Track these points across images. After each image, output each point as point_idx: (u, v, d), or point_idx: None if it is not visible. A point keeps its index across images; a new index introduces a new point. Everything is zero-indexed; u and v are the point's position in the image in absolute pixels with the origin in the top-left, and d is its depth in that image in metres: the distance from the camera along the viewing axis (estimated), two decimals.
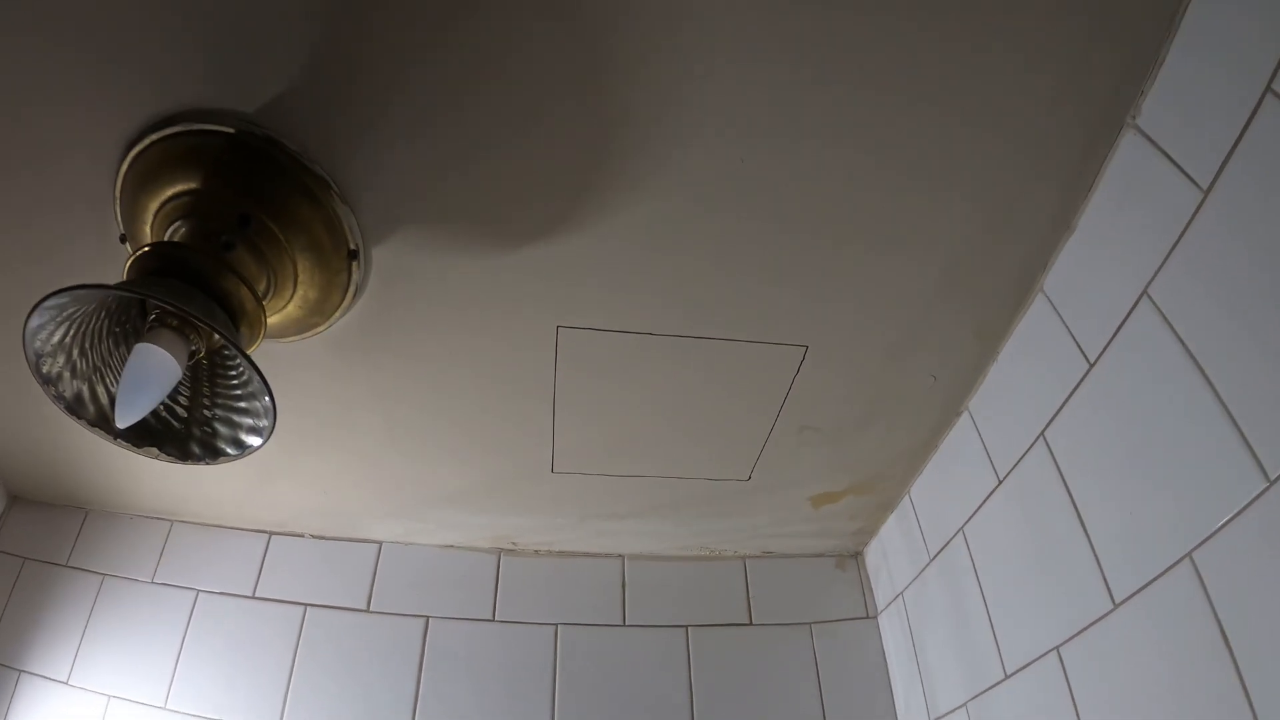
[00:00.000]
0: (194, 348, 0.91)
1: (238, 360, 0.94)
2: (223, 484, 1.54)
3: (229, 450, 0.98)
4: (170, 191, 0.94)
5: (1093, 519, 1.02)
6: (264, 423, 0.94)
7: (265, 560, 1.65)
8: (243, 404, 0.98)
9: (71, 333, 0.87)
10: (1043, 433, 1.12)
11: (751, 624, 1.69)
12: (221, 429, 0.99)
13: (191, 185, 0.93)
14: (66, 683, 1.45)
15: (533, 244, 1.04)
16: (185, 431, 0.99)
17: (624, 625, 1.66)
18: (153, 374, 0.87)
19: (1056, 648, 1.08)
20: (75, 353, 0.89)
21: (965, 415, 1.35)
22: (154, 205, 0.95)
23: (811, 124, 0.92)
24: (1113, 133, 0.98)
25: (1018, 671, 1.17)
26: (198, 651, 1.52)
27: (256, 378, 0.86)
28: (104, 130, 0.90)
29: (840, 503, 1.60)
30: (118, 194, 0.97)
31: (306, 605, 1.60)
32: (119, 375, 0.92)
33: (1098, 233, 1.04)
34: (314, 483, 1.52)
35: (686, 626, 1.67)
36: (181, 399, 0.99)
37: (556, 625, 1.64)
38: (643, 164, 0.95)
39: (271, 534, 1.68)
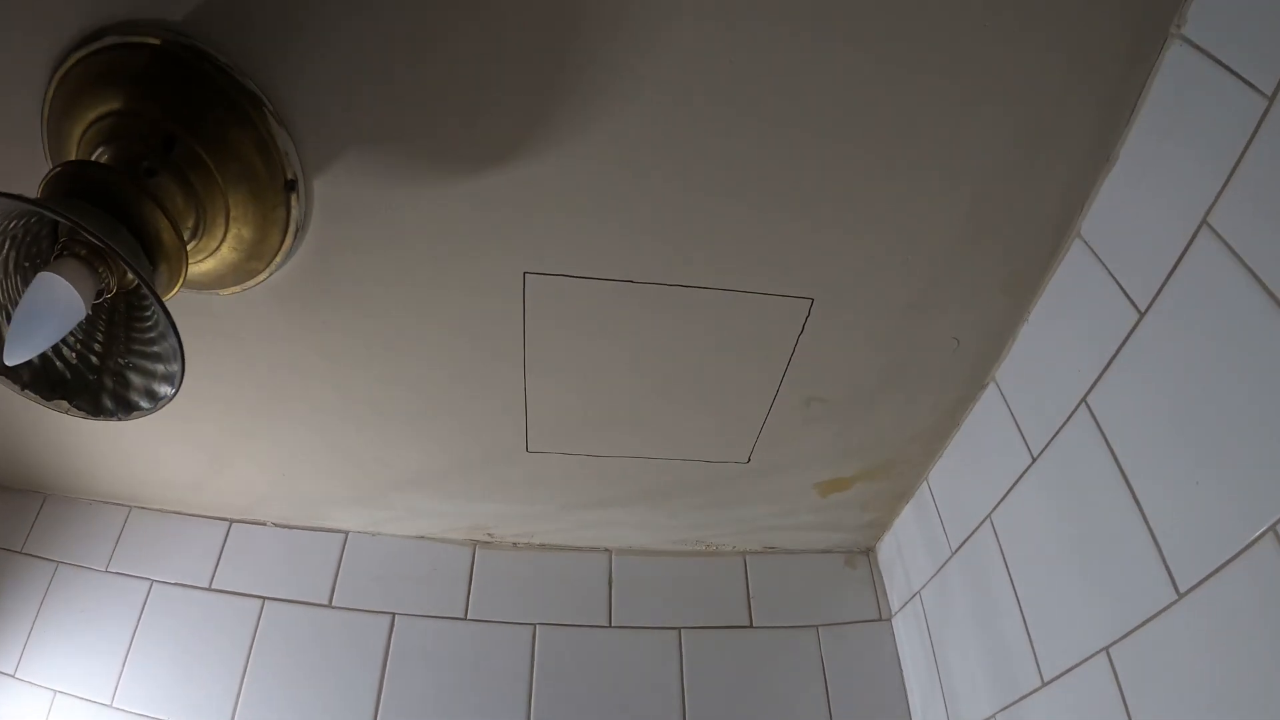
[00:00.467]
0: (104, 284, 0.79)
1: (150, 301, 0.82)
2: (179, 464, 1.42)
3: (142, 403, 0.86)
4: (93, 114, 0.83)
5: (1148, 496, 0.86)
6: (174, 368, 0.81)
7: (224, 550, 1.53)
8: (155, 349, 0.86)
9: None
10: (1084, 399, 0.96)
11: (751, 626, 1.53)
12: (135, 379, 0.87)
13: (114, 106, 0.82)
14: (14, 675, 1.37)
15: (491, 169, 0.90)
16: (97, 383, 0.87)
17: (610, 626, 1.50)
18: (52, 306, 0.75)
19: (1106, 648, 0.91)
20: None
21: (992, 387, 1.19)
22: (78, 132, 0.85)
23: (813, 9, 0.77)
24: (1157, 44, 0.84)
25: (1058, 677, 1.00)
26: (148, 646, 1.40)
27: (162, 315, 0.74)
28: (29, 53, 0.80)
29: (850, 490, 1.44)
30: (44, 122, 0.86)
31: (264, 599, 1.47)
32: None
33: (1143, 161, 0.89)
34: (270, 464, 1.39)
35: (679, 629, 1.51)
36: (95, 346, 0.87)
37: (535, 625, 1.49)
38: (611, 65, 0.81)
39: (232, 522, 1.56)
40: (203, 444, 1.35)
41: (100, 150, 0.83)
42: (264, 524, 1.56)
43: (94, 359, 0.88)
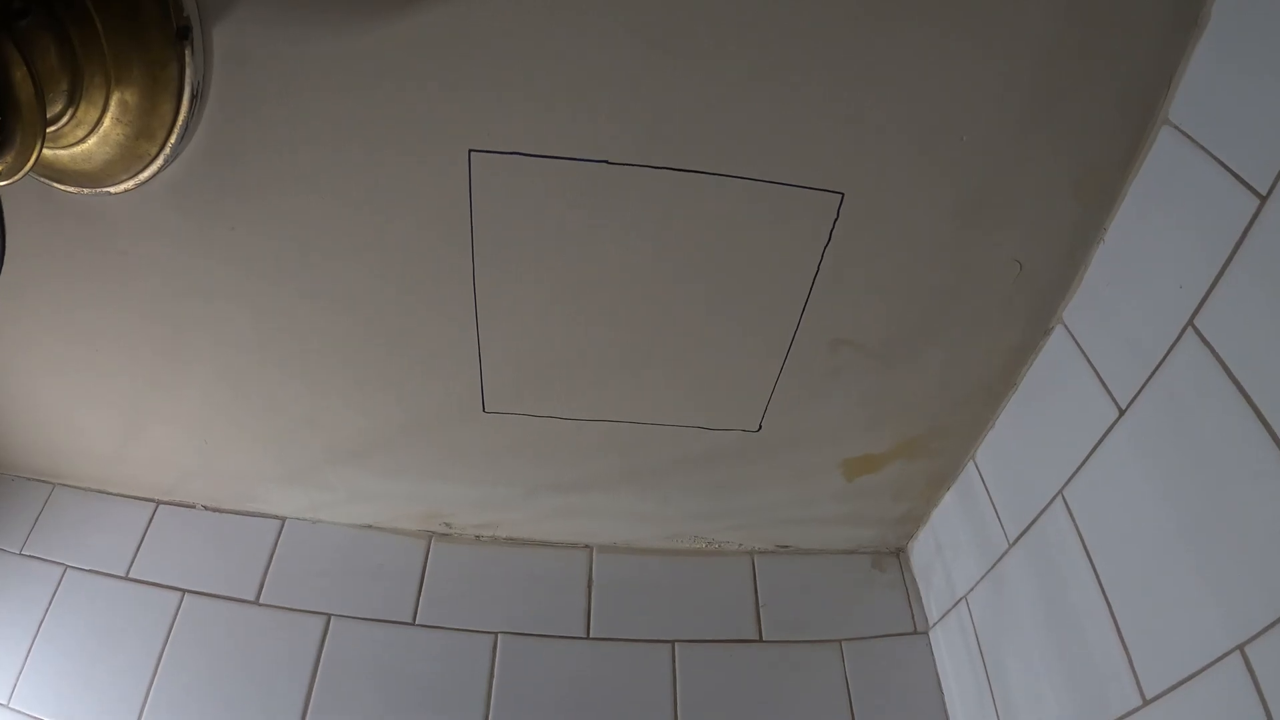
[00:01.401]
0: None
1: None
2: (93, 430, 1.24)
3: None
4: None
5: None
6: None
7: (147, 534, 1.33)
8: None
9: None
10: (1191, 320, 0.73)
11: (761, 640, 1.29)
12: None
13: None
14: None
15: (425, 6, 0.70)
16: None
17: (588, 638, 1.26)
18: None
19: (1240, 646, 0.66)
20: None
21: (1059, 330, 0.96)
22: None
23: None
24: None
25: (1169, 691, 0.75)
26: (54, 640, 1.22)
27: None
28: None
29: (882, 472, 1.19)
30: None
31: (184, 591, 1.26)
32: None
33: (1247, 16, 0.69)
34: (191, 428, 1.19)
35: (673, 642, 1.27)
36: None
37: (496, 634, 1.25)
38: None
39: (159, 503, 1.36)
40: (116, 401, 1.17)
41: None
42: (193, 506, 1.35)
43: None
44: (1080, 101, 0.78)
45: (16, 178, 0.67)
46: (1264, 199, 0.66)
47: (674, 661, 1.24)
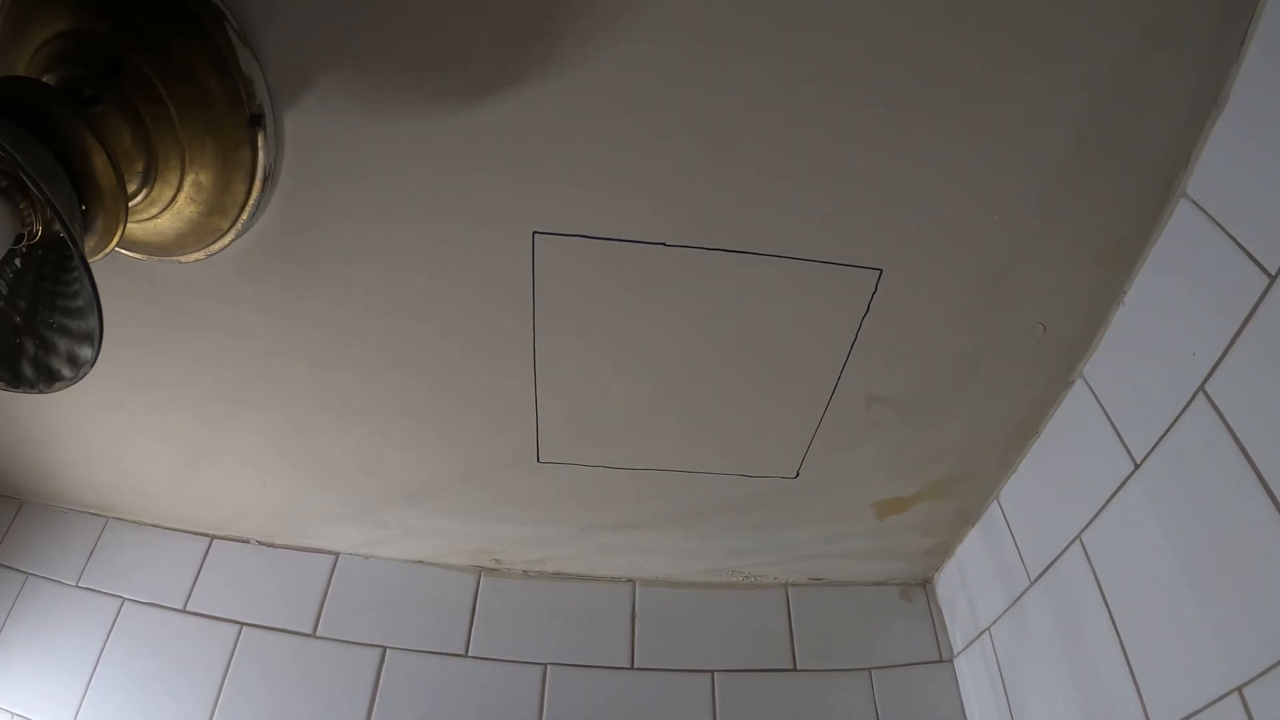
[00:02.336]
0: (26, 227, 0.69)
1: (71, 250, 0.71)
2: (150, 470, 1.33)
3: (64, 370, 0.75)
4: (40, 39, 0.74)
5: None
6: (92, 323, 0.70)
7: (203, 568, 1.42)
8: (78, 303, 0.75)
9: None
10: (1203, 385, 0.83)
11: (795, 669, 1.38)
12: (59, 342, 0.76)
13: (61, 27, 0.73)
14: None
15: (493, 100, 0.78)
16: (18, 347, 0.76)
17: (632, 669, 1.36)
18: None
19: (1239, 688, 0.76)
20: None
21: (1079, 384, 1.06)
22: (24, 61, 0.76)
23: None
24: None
25: None
26: (114, 670, 1.30)
27: (76, 254, 0.64)
28: None
29: (910, 512, 1.29)
30: None
31: (242, 624, 1.35)
32: None
33: (1263, 102, 0.77)
34: (250, 469, 1.28)
35: (712, 672, 1.36)
36: (20, 304, 0.76)
37: (546, 665, 1.35)
38: None
39: (213, 538, 1.45)
40: (175, 441, 1.26)
41: (45, 78, 0.74)
42: (247, 541, 1.45)
43: (17, 319, 0.77)
44: (1104, 177, 0.86)
45: (98, 258, 0.75)
46: (1273, 278, 0.74)
47: (713, 690, 1.34)
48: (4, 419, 1.27)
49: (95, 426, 1.25)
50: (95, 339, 0.71)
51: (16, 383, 0.76)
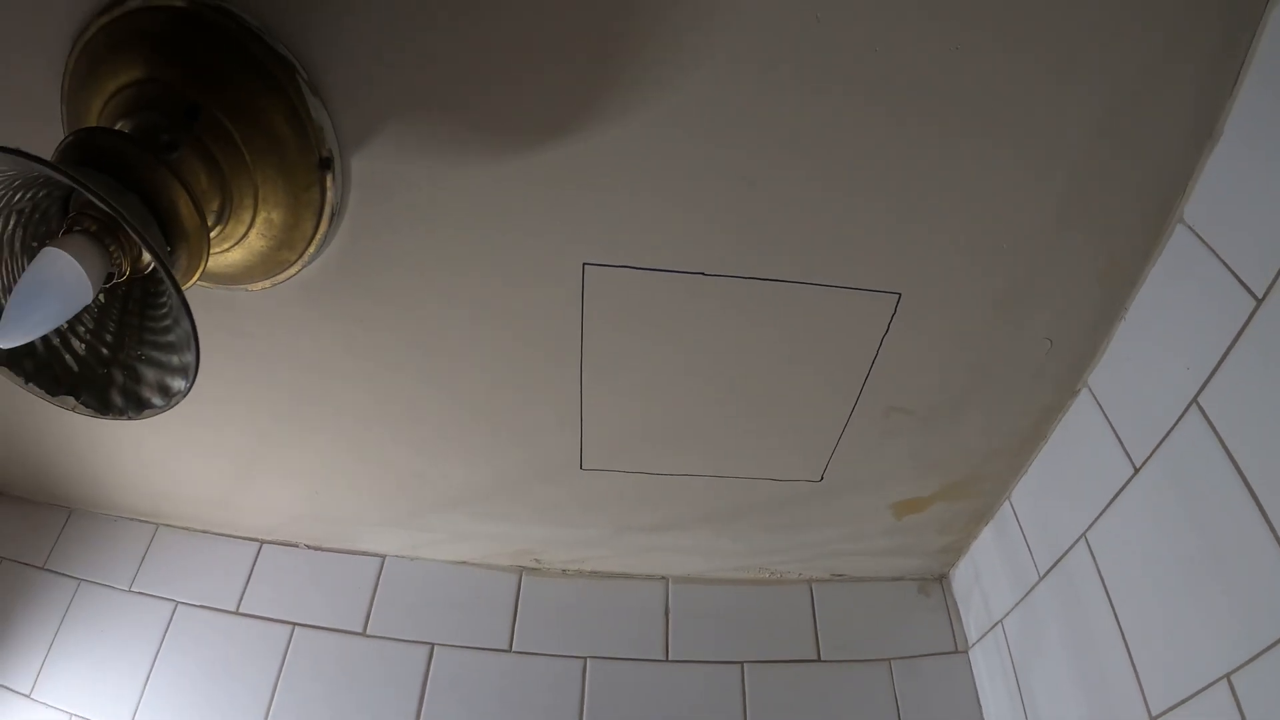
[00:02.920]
0: (115, 267, 0.75)
1: (165, 286, 0.78)
2: (202, 480, 1.42)
3: (154, 399, 0.82)
4: (114, 85, 0.81)
5: (1274, 500, 0.82)
6: (188, 358, 0.76)
7: (253, 572, 1.52)
8: (169, 338, 0.82)
9: None
10: (1196, 398, 0.93)
11: (820, 660, 1.49)
12: (147, 373, 0.83)
13: (136, 75, 0.80)
14: (29, 696, 1.37)
15: (546, 144, 0.88)
16: (106, 377, 0.83)
17: (666, 660, 1.47)
18: (55, 284, 0.70)
19: (1227, 675, 0.86)
20: None
21: (1084, 393, 1.16)
22: (98, 104, 0.83)
23: None
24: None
25: (1170, 710, 0.96)
26: (170, 670, 1.39)
27: (175, 295, 0.69)
28: (49, 20, 0.78)
29: (927, 511, 1.40)
30: (64, 96, 0.84)
31: (294, 625, 1.45)
32: None
33: (1254, 135, 0.85)
34: (301, 479, 1.38)
35: (742, 663, 1.47)
36: (106, 337, 0.84)
37: (585, 659, 1.45)
38: (678, 23, 0.78)
39: (262, 543, 1.55)
40: (229, 454, 1.35)
41: (121, 124, 0.81)
42: (296, 545, 1.55)
43: (105, 351, 0.84)
44: (1108, 203, 0.95)
45: (189, 284, 0.81)
46: (1259, 301, 0.83)
47: (743, 680, 1.45)
48: (57, 431, 1.35)
49: (150, 440, 1.34)
50: (190, 372, 0.78)
51: (105, 410, 0.83)
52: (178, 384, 0.81)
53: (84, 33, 0.79)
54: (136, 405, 0.83)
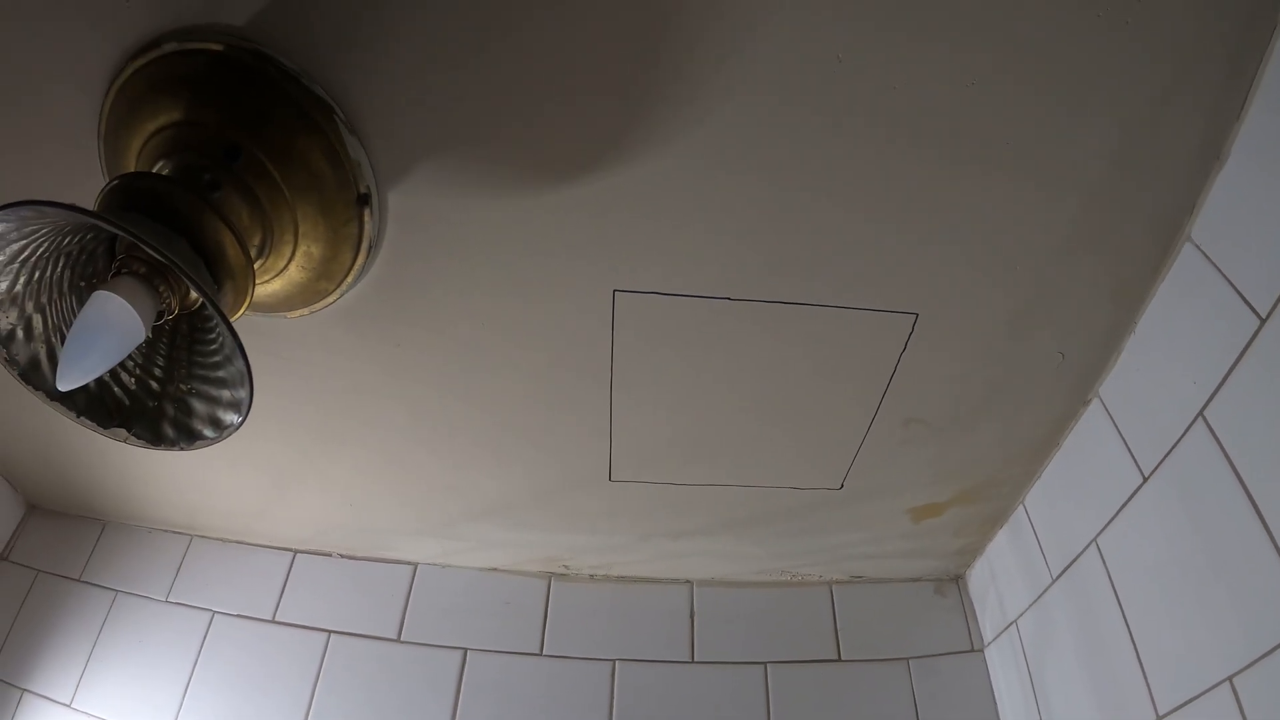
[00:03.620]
0: (164, 305, 0.80)
1: (215, 323, 0.84)
2: (238, 493, 1.48)
3: (206, 431, 0.87)
4: (153, 126, 0.85)
5: (1274, 509, 0.88)
6: (241, 393, 0.82)
7: (288, 581, 1.59)
8: (220, 374, 0.87)
9: (24, 281, 0.78)
10: (1202, 411, 0.99)
11: (840, 660, 1.56)
12: (198, 406, 0.88)
13: (175, 116, 0.84)
14: (69, 705, 1.42)
15: (576, 178, 0.93)
16: (157, 410, 0.89)
17: (692, 662, 1.54)
18: (108, 327, 0.75)
19: (1230, 678, 0.93)
20: (30, 308, 0.80)
21: (1095, 403, 1.22)
22: (137, 145, 0.87)
23: (921, 6, 0.80)
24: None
25: (1176, 710, 1.02)
26: (208, 679, 1.46)
27: (229, 337, 0.75)
28: (85, 63, 0.82)
29: (944, 515, 1.47)
30: (101, 136, 0.89)
31: (330, 632, 1.52)
32: None
33: (1260, 157, 0.90)
34: (336, 491, 1.44)
35: (765, 663, 1.54)
36: (156, 370, 0.89)
37: (614, 661, 1.53)
38: (704, 61, 0.83)
39: (296, 552, 1.62)
40: (266, 468, 1.41)
41: (160, 164, 0.84)
42: (329, 555, 1.62)
43: (154, 385, 0.89)
44: (1118, 225, 1.00)
45: (235, 317, 0.84)
46: (1263, 320, 0.88)
47: (766, 680, 1.52)
48: (90, 445, 1.39)
49: (185, 456, 1.33)
50: (243, 407, 0.83)
51: (158, 441, 0.87)
52: (230, 418, 0.86)
53: (120, 74, 0.83)
54: (188, 437, 0.89)
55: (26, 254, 0.76)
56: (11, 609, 1.51)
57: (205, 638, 1.50)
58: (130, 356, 0.86)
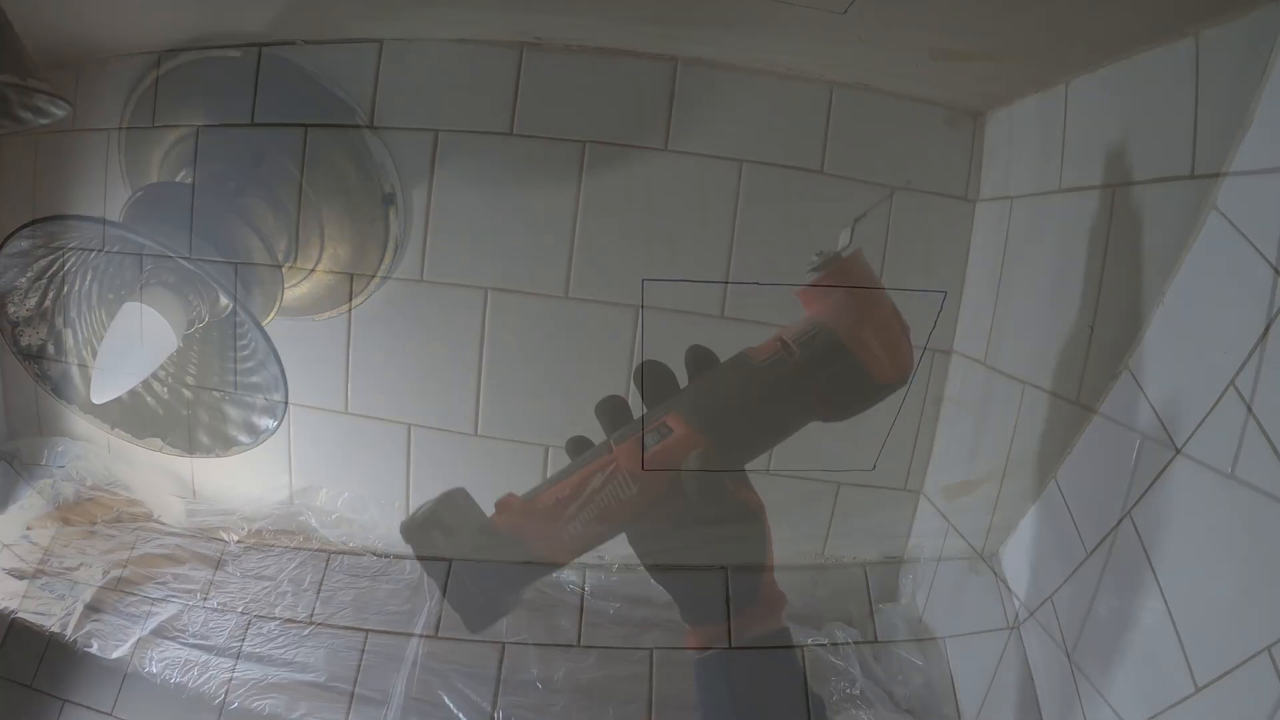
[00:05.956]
0: (194, 314, 0.85)
1: (246, 328, 0.88)
2: None
3: (241, 437, 0.92)
4: (174, 135, 0.91)
5: None
6: (275, 398, 0.87)
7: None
8: (254, 379, 0.93)
9: (53, 296, 0.83)
10: (1233, 380, 1.00)
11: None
12: (231, 412, 0.93)
13: (195, 124, 0.90)
14: None
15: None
16: (191, 418, 0.94)
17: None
18: (140, 338, 0.80)
19: (1268, 648, 0.94)
20: (60, 323, 0.85)
21: (1125, 375, 1.24)
22: (159, 155, 0.92)
23: None
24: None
25: (1214, 681, 1.05)
26: None
27: (262, 343, 0.80)
28: (107, 74, 0.87)
29: (978, 492, 1.50)
30: (122, 148, 0.94)
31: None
32: None
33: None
34: None
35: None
36: (188, 379, 0.94)
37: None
38: None
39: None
40: None
41: (184, 172, 0.89)
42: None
43: (186, 392, 0.94)
44: (1144, 196, 1.04)
45: (266, 322, 0.92)
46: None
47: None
48: None
49: None
50: (279, 412, 0.89)
51: (193, 449, 0.93)
52: (265, 423, 0.91)
53: (139, 84, 0.86)
54: (224, 443, 0.93)
55: (54, 269, 0.80)
56: None
57: None
58: (162, 365, 0.90)
